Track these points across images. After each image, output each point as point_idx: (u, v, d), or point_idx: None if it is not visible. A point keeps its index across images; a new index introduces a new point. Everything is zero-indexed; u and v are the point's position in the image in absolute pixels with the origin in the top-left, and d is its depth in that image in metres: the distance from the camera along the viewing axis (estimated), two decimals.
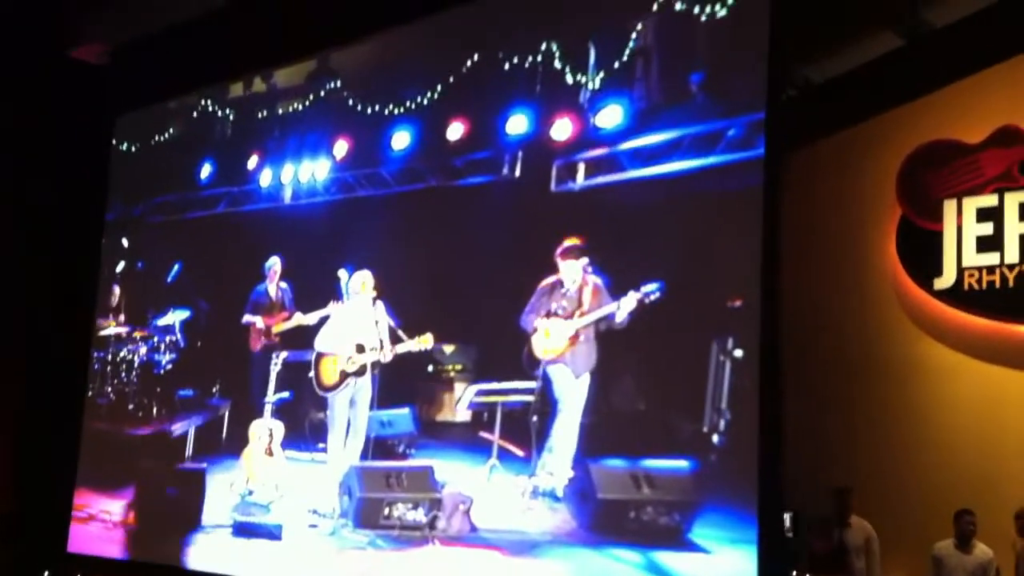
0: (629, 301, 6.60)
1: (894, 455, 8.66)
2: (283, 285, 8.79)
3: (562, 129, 7.28)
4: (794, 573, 7.40)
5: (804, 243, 8.24)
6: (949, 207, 8.61)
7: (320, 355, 8.20)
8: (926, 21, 8.74)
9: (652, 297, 6.49)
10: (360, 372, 7.92)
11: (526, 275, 7.23)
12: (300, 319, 8.50)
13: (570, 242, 6.99)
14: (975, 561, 7.54)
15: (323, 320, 8.30)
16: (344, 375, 7.98)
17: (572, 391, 6.88)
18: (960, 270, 8.51)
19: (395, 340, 7.75)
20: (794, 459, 6.29)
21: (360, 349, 7.93)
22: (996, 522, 7.71)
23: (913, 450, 8.69)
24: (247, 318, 8.91)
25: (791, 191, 6.81)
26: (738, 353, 6.11)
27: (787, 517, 6.86)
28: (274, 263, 8.87)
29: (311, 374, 8.20)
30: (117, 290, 10.37)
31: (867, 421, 8.78)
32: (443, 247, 7.90)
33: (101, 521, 9.55)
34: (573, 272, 6.97)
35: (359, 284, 8.06)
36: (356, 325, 8.02)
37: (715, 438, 6.15)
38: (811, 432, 8.09)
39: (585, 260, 6.92)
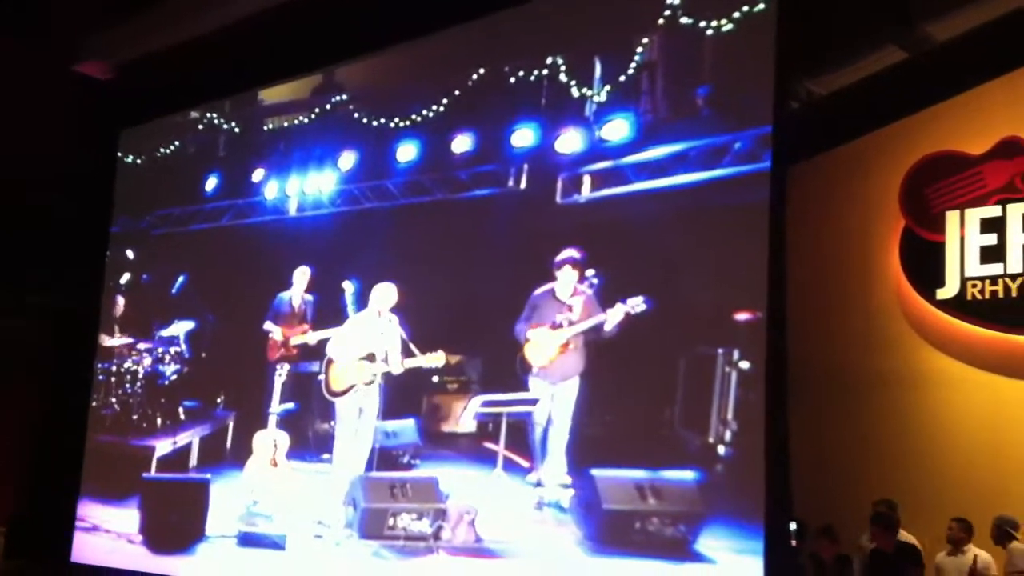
0: (616, 313, 6.67)
1: (897, 464, 8.69)
2: (308, 297, 8.78)
3: (568, 142, 7.32)
4: None
5: (808, 255, 8.29)
6: (952, 218, 8.66)
7: (330, 360, 8.23)
8: (928, 35, 8.79)
9: (638, 309, 6.55)
10: (369, 381, 7.95)
11: (531, 287, 7.25)
12: (313, 335, 8.50)
13: (566, 253, 7.03)
14: (969, 565, 7.60)
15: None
16: (353, 382, 8.00)
17: (560, 400, 6.93)
18: (963, 280, 8.56)
19: (407, 353, 7.77)
20: (797, 467, 6.31)
21: (371, 358, 7.97)
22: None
23: (915, 459, 8.71)
24: (267, 325, 8.88)
25: (795, 203, 6.85)
26: (744, 365, 6.14)
27: (792, 526, 6.88)
28: (303, 273, 8.81)
29: (321, 377, 8.24)
30: (122, 302, 10.40)
31: (870, 430, 8.81)
32: (449, 259, 7.92)
33: (105, 531, 9.55)
34: (567, 282, 7.01)
35: (381, 296, 8.07)
36: (368, 334, 8.06)
37: (721, 449, 6.17)
38: (815, 442, 8.12)
39: (577, 272, 6.96)
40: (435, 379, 7.75)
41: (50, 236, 10.74)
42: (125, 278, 10.43)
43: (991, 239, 8.48)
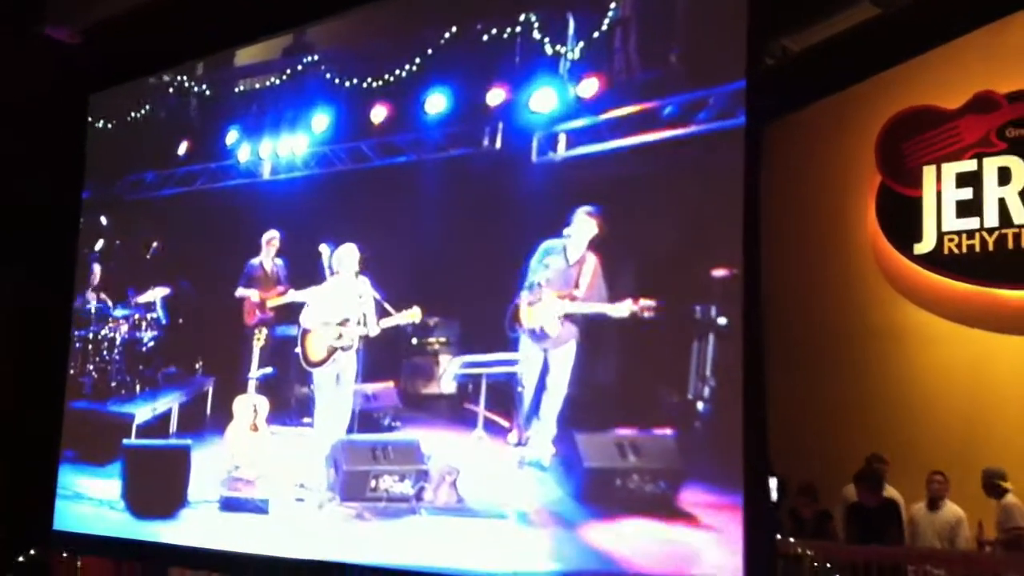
0: (622, 309, 6.56)
1: (875, 418, 8.76)
2: (278, 261, 8.72)
3: (542, 100, 7.26)
4: (779, 537, 7.48)
5: (785, 211, 8.30)
6: (928, 173, 8.69)
7: (306, 330, 8.20)
8: None
9: (647, 315, 6.45)
10: (346, 346, 7.93)
11: (508, 246, 7.22)
12: (294, 295, 8.45)
13: (583, 210, 6.85)
14: (943, 520, 7.70)
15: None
16: (331, 350, 7.98)
17: (556, 364, 6.91)
18: (940, 235, 8.60)
19: (382, 314, 7.74)
20: (777, 425, 6.35)
21: (345, 323, 7.94)
22: (977, 482, 7.84)
23: (894, 413, 8.78)
24: (240, 291, 8.80)
25: (771, 160, 6.84)
26: (722, 321, 6.14)
27: (773, 483, 6.93)
28: (272, 236, 8.72)
29: (297, 349, 8.20)
30: (97, 268, 10.32)
31: (848, 385, 8.88)
32: (425, 220, 7.87)
33: (86, 499, 9.53)
34: (578, 242, 6.92)
35: (342, 258, 8.04)
36: (341, 299, 8.02)
37: (700, 406, 6.19)
38: (794, 398, 8.16)
39: (595, 225, 6.82)
40: (414, 341, 7.73)
41: (21, 203, 10.60)
42: (99, 244, 10.35)
43: (967, 193, 8.52)
